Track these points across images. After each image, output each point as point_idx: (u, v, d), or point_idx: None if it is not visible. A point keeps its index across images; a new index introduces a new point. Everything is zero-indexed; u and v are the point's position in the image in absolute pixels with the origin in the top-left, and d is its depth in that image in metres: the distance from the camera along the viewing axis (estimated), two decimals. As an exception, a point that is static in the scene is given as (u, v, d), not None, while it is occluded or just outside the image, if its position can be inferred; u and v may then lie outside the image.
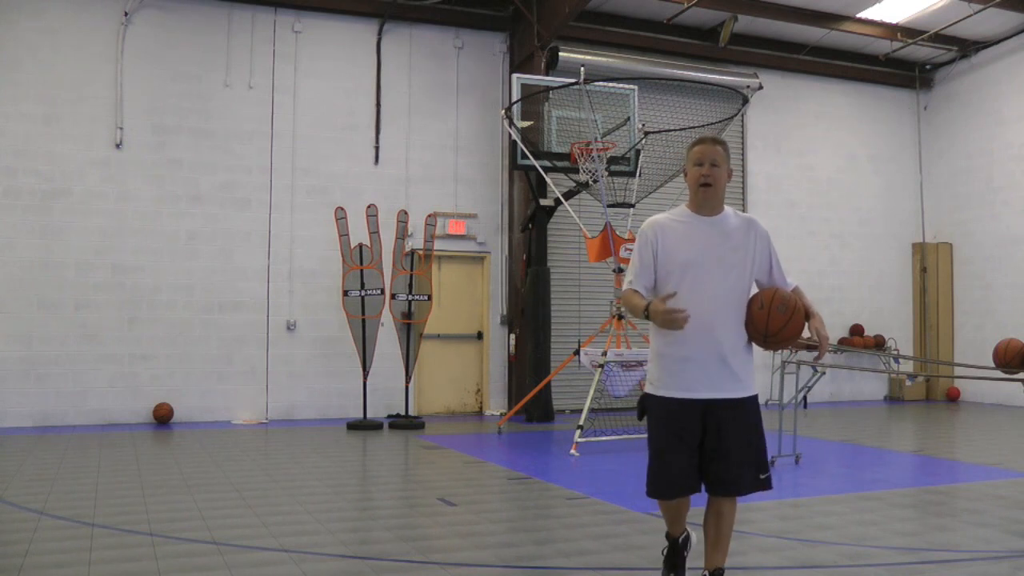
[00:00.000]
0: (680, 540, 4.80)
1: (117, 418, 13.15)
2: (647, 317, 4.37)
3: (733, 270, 4.49)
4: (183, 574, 5.28)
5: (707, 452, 4.47)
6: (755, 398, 4.57)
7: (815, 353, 4.60)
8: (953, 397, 18.12)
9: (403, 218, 13.83)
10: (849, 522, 6.78)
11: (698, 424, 4.44)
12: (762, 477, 4.58)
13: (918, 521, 6.98)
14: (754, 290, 4.61)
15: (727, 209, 4.63)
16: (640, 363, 11.33)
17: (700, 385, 4.42)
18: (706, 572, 4.61)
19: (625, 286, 4.62)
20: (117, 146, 13.40)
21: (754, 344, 4.54)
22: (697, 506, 4.75)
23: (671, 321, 4.24)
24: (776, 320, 4.40)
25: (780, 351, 4.61)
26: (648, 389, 4.62)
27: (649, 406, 4.61)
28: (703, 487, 4.57)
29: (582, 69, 11.92)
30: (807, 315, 4.51)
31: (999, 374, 7.84)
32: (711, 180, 4.49)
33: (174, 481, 8.47)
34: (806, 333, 4.57)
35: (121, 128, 13.42)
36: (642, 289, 4.55)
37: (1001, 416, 15.12)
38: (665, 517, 4.81)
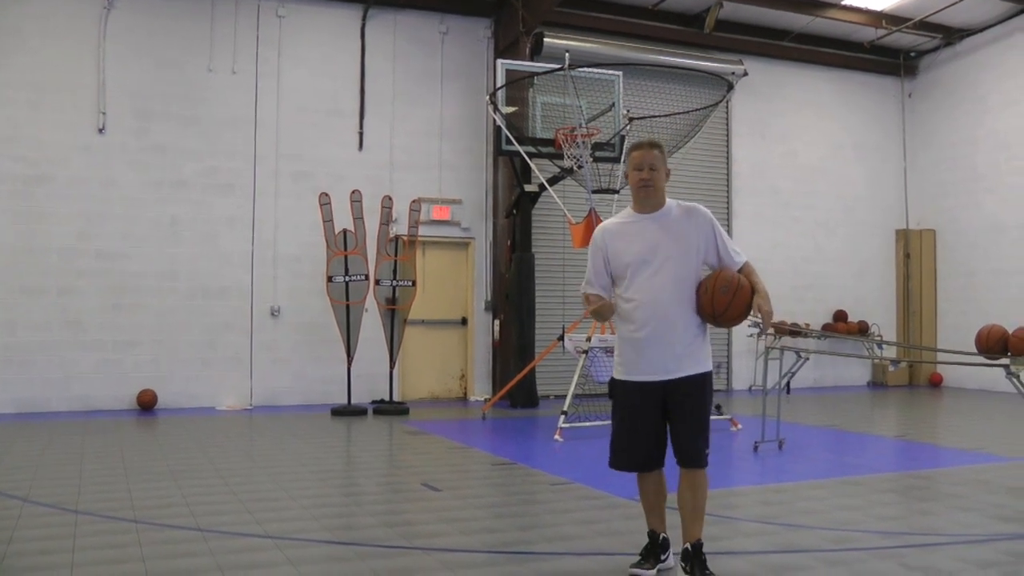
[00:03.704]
0: (660, 539, 5.04)
1: (101, 404, 13.11)
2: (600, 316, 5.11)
3: (679, 259, 4.85)
4: (167, 560, 5.27)
5: (671, 427, 4.90)
6: (709, 374, 4.95)
7: (803, 338, 4.96)
8: (936, 383, 18.23)
9: (387, 204, 13.79)
10: (832, 507, 6.81)
11: (659, 403, 4.87)
12: (703, 451, 4.89)
13: (900, 505, 7.03)
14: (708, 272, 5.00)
15: (669, 203, 5.01)
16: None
17: (660, 368, 4.83)
18: (687, 546, 4.86)
19: (583, 289, 5.12)
20: (100, 131, 13.32)
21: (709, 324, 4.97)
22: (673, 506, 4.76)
23: (598, 312, 4.98)
24: (720, 301, 4.79)
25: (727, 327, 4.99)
26: (615, 374, 5.06)
27: (613, 389, 5.08)
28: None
29: (567, 55, 11.90)
30: (754, 291, 4.85)
31: (981, 359, 7.89)
32: (650, 183, 4.91)
33: (158, 467, 8.46)
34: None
35: (104, 113, 13.34)
36: (599, 290, 5.03)
37: (983, 401, 15.21)
38: (643, 503, 5.11)
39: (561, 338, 12.18)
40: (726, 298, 4.78)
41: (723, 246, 4.95)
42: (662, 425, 4.91)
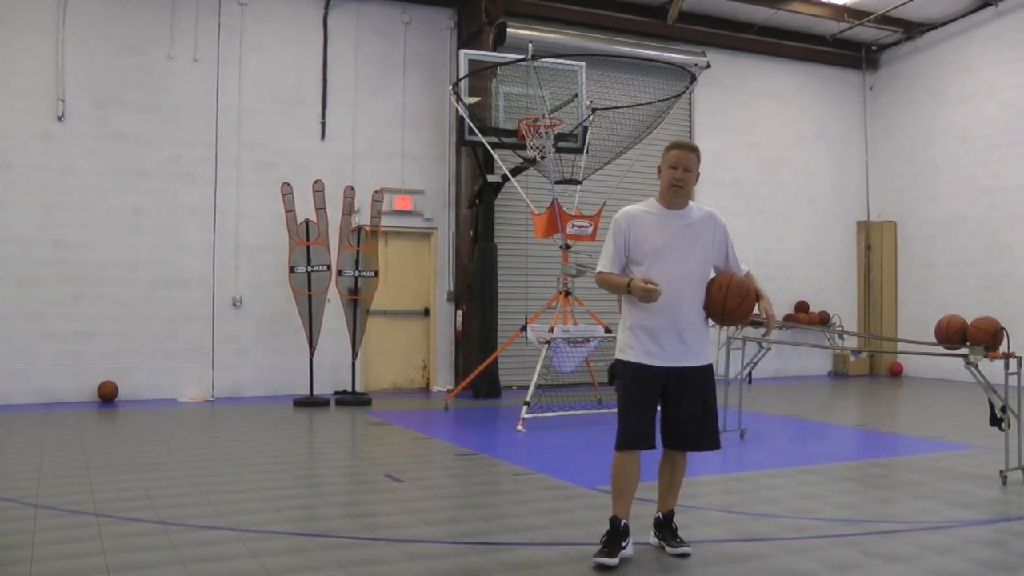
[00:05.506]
0: (621, 526, 5.08)
1: (61, 397, 12.96)
2: (629, 292, 5.03)
3: (694, 257, 5.17)
4: (129, 554, 5.23)
5: (669, 413, 5.18)
6: (710, 366, 5.28)
7: (763, 329, 5.27)
8: (896, 372, 18.42)
9: (350, 194, 13.74)
10: (793, 495, 6.87)
11: (659, 387, 5.12)
12: (717, 436, 5.34)
13: (860, 494, 7.10)
14: (713, 274, 5.28)
15: (691, 204, 5.32)
16: (587, 339, 11.44)
17: (664, 354, 5.10)
18: (660, 515, 5.36)
19: (599, 269, 5.27)
20: (59, 119, 13.15)
21: (710, 320, 5.23)
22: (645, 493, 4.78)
23: (649, 293, 4.93)
24: (732, 300, 5.11)
25: (729, 327, 5.59)
26: (619, 356, 5.23)
27: (620, 370, 5.23)
28: (661, 443, 5.23)
29: (530, 45, 11.88)
30: (758, 297, 5.20)
31: (941, 349, 7.98)
32: (682, 184, 5.20)
33: (119, 460, 8.39)
34: (756, 311, 5.26)
35: (63, 100, 13.16)
36: (616, 271, 5.19)
37: (942, 391, 15.39)
38: (615, 487, 5.15)
39: (524, 328, 12.19)
40: (737, 300, 5.10)
41: (732, 254, 5.33)
42: (659, 409, 5.19)
